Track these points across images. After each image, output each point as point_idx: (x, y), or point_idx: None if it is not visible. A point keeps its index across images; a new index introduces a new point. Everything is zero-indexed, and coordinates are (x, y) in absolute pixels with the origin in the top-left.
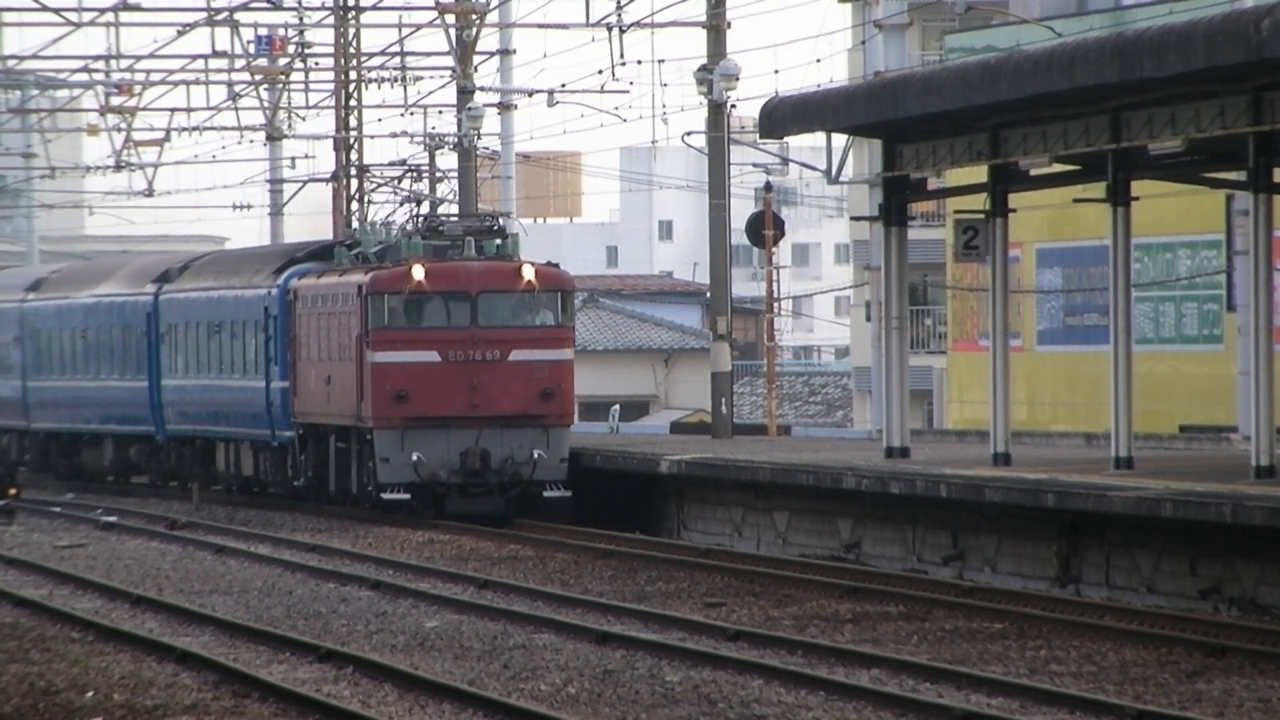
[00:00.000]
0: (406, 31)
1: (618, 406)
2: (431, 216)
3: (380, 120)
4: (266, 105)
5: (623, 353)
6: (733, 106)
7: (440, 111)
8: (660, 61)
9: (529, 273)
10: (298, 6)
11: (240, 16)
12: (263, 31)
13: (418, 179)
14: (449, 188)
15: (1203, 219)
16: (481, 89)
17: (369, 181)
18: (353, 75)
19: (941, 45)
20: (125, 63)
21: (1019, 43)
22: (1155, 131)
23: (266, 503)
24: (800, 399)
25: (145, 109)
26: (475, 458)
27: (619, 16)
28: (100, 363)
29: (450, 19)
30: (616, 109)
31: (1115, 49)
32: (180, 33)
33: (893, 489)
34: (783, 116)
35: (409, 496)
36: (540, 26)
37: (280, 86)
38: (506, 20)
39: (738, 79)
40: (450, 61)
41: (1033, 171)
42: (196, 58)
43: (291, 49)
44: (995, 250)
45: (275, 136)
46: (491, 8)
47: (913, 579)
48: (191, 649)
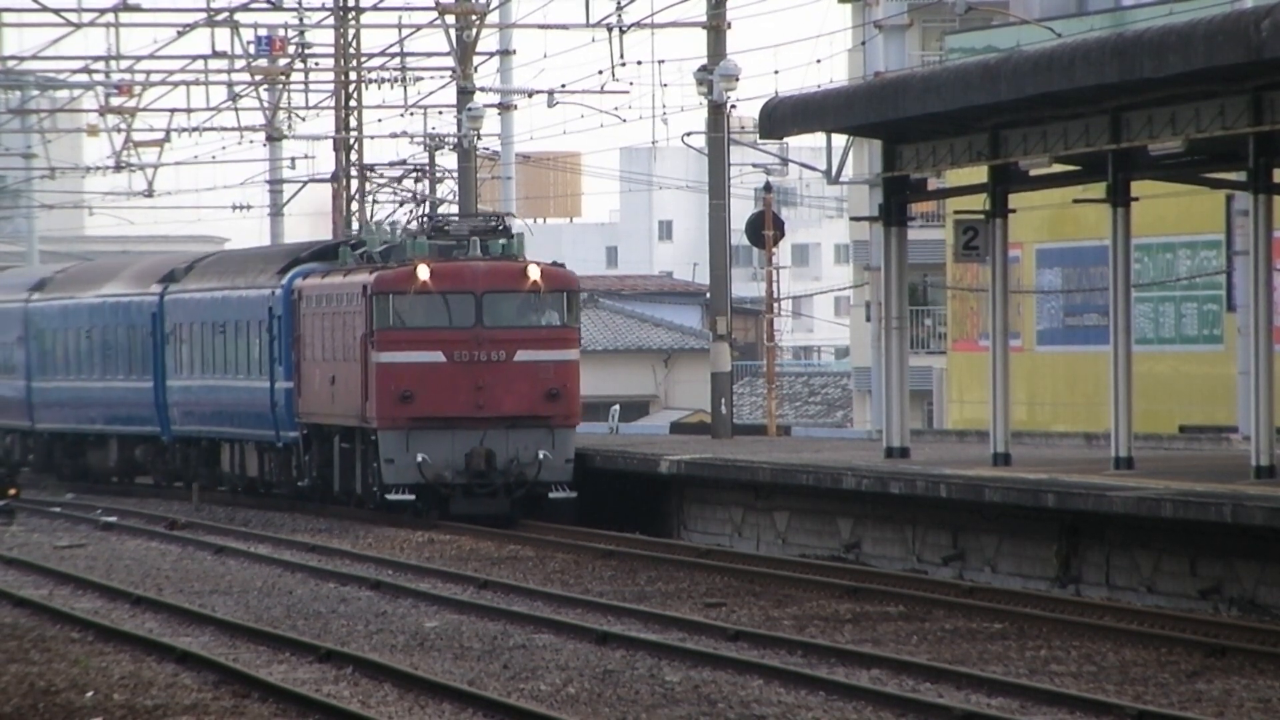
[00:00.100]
0: (406, 32)
1: (618, 407)
2: (436, 216)
3: (380, 120)
4: (266, 106)
5: (622, 353)
6: (733, 107)
7: (440, 112)
8: (660, 62)
9: (534, 272)
10: (298, 7)
11: (240, 17)
12: (262, 32)
13: (419, 178)
14: (449, 188)
15: (1203, 219)
16: (481, 89)
17: (370, 182)
18: (353, 75)
19: (941, 46)
20: (125, 63)
21: (1019, 43)
22: (1155, 132)
23: (266, 503)
24: (800, 399)
25: (145, 109)
26: (480, 458)
27: (619, 17)
28: (105, 363)
29: (450, 19)
30: (616, 109)
31: (1115, 49)
32: (180, 33)
33: (893, 489)
34: (783, 117)
35: (414, 497)
36: (540, 27)
37: (280, 87)
38: (506, 20)
39: (738, 79)
40: (450, 62)
41: (1033, 172)
42: (196, 58)
43: (291, 49)
44: (995, 250)
45: (275, 137)
46: (491, 8)
47: (913, 579)
48: (191, 649)
